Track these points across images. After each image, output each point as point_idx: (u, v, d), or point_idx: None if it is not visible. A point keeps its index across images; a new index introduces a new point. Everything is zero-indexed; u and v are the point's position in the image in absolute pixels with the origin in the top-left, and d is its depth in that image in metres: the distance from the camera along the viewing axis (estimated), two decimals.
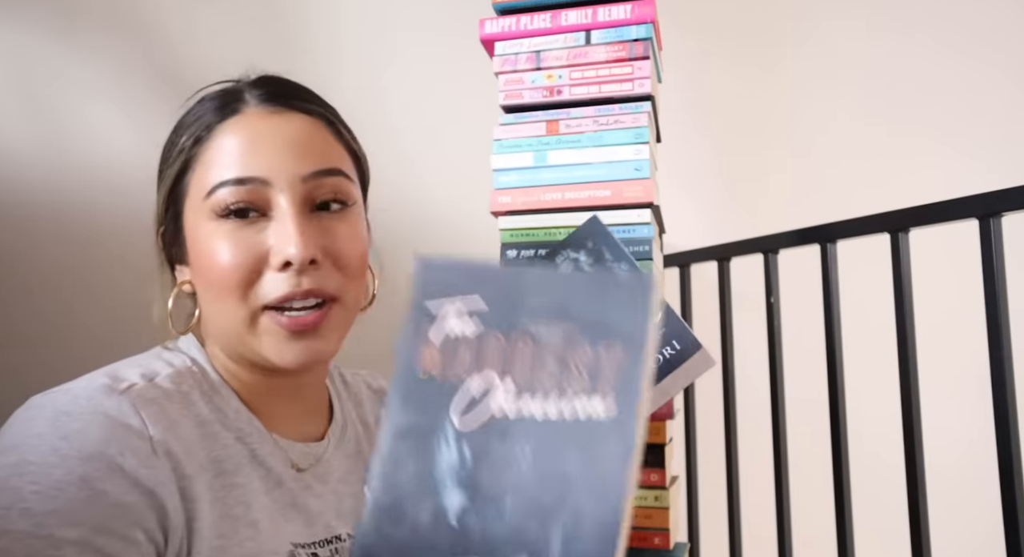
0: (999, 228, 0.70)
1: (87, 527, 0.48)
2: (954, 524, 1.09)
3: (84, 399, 0.54)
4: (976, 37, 1.56)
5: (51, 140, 1.18)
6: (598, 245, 0.66)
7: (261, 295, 0.60)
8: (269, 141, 0.61)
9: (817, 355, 0.90)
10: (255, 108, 0.63)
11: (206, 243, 0.61)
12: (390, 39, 1.39)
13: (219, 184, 0.60)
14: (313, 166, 0.62)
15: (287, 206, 0.60)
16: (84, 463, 0.50)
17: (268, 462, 0.63)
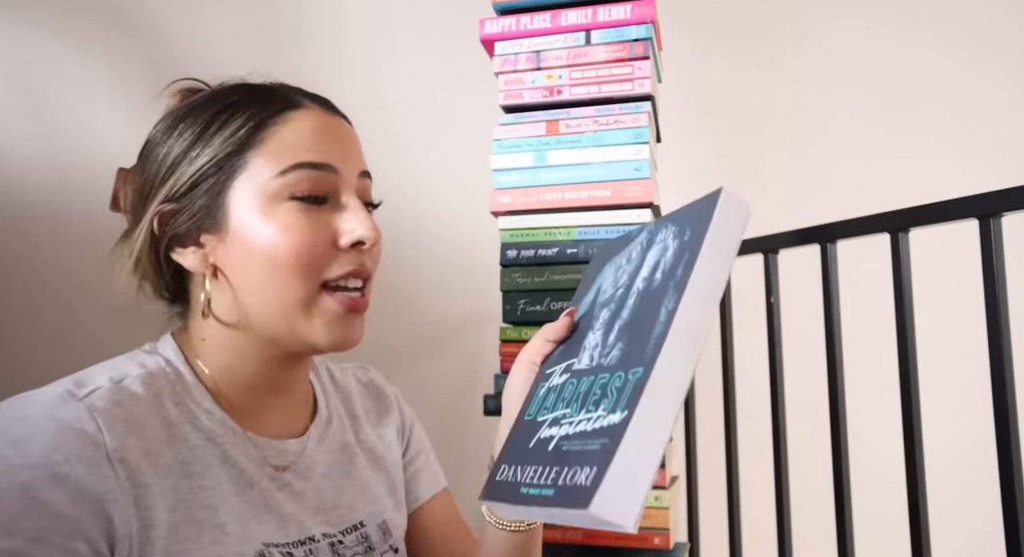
0: (999, 228, 0.70)
1: (23, 537, 0.48)
2: (954, 524, 1.09)
3: (42, 406, 0.54)
4: (976, 36, 1.56)
5: (50, 140, 1.18)
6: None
7: (326, 273, 0.63)
8: (336, 135, 0.66)
9: (817, 355, 0.90)
10: (317, 106, 0.67)
11: (274, 220, 0.62)
12: (390, 39, 1.39)
13: (296, 165, 0.63)
14: (363, 166, 0.68)
15: (354, 195, 0.66)
16: (29, 471, 0.50)
17: (240, 463, 0.63)
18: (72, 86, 1.19)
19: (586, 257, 0.76)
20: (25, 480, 0.49)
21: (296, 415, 0.71)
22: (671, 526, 0.74)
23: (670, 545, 0.73)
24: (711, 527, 1.13)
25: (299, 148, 0.63)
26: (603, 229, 0.75)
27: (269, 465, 0.65)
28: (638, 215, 0.74)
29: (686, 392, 0.50)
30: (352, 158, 0.67)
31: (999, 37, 1.56)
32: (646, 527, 0.74)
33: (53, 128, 1.18)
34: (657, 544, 0.73)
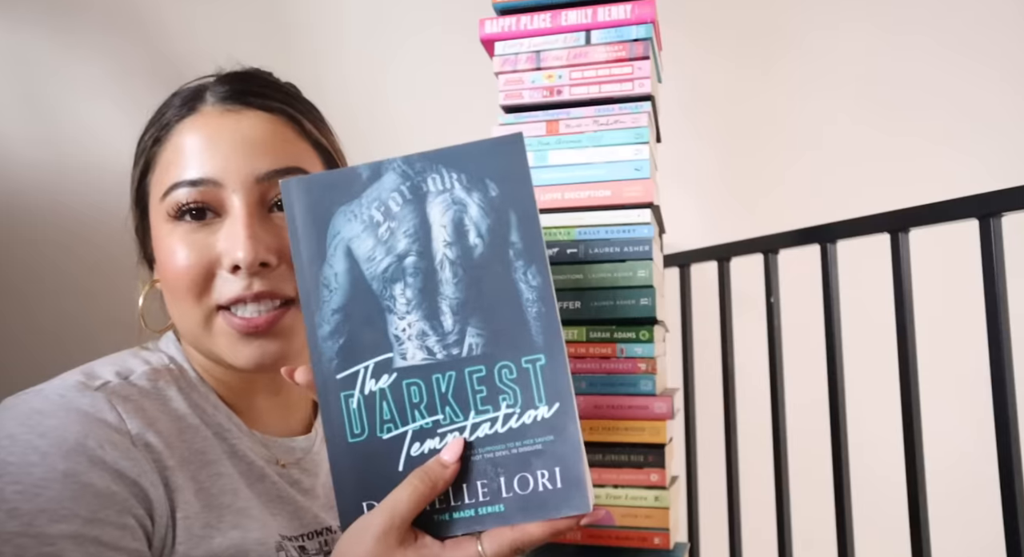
0: (999, 228, 0.70)
1: (80, 520, 0.48)
2: (954, 524, 1.09)
3: (57, 397, 0.54)
4: (976, 37, 1.56)
5: (49, 140, 1.18)
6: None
7: (214, 296, 0.60)
8: (224, 141, 0.60)
9: (817, 355, 0.90)
10: (212, 107, 0.62)
11: (163, 244, 0.61)
12: (390, 39, 1.39)
13: (172, 185, 0.60)
14: (268, 166, 0.60)
15: (239, 207, 0.59)
16: (65, 458, 0.50)
17: (248, 457, 0.63)
18: (71, 86, 1.19)
19: (586, 257, 0.76)
20: (65, 467, 0.50)
21: (295, 413, 0.71)
22: (671, 526, 0.74)
23: (670, 545, 0.73)
24: (711, 527, 1.13)
25: (177, 166, 0.60)
26: (603, 229, 0.75)
27: (276, 462, 0.65)
28: (638, 215, 0.74)
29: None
30: (244, 162, 0.59)
31: (999, 38, 1.56)
32: (646, 527, 0.74)
33: (52, 128, 1.18)
34: (657, 544, 0.73)
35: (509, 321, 0.48)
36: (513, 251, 0.49)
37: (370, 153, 0.75)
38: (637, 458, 0.74)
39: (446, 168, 0.51)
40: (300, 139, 0.64)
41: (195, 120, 0.61)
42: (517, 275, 0.49)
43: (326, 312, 0.51)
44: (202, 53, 1.22)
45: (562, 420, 0.48)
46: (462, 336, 0.49)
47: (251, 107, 0.62)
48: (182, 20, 1.26)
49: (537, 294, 0.48)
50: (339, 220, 0.51)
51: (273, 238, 0.60)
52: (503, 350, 0.48)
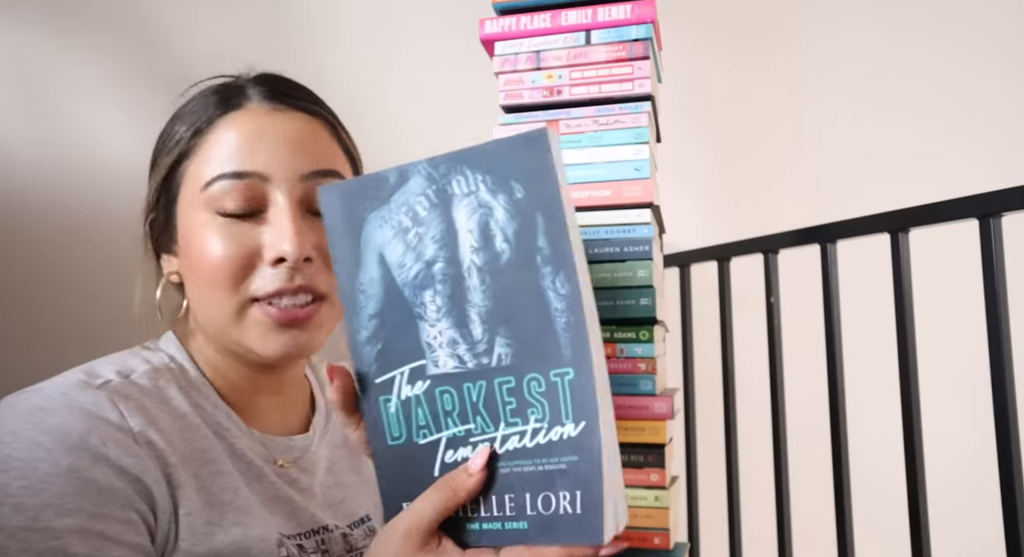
0: (999, 228, 0.70)
1: (85, 514, 0.49)
2: (954, 524, 1.09)
3: (59, 395, 0.54)
4: (977, 34, 1.56)
5: (49, 140, 1.18)
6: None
7: (253, 289, 0.60)
8: (270, 137, 0.61)
9: (817, 355, 0.90)
10: (257, 104, 0.63)
11: (199, 234, 0.61)
12: (390, 39, 1.38)
13: (217, 176, 0.60)
14: (313, 166, 0.62)
15: (284, 203, 0.60)
16: (68, 454, 0.51)
17: (247, 456, 0.63)
18: (71, 86, 1.19)
19: (586, 257, 0.76)
20: (68, 463, 0.50)
21: (293, 413, 0.72)
22: (671, 526, 0.74)
23: (670, 545, 0.73)
24: (711, 527, 1.13)
25: (222, 157, 0.61)
26: (603, 229, 0.75)
27: (274, 462, 0.65)
28: (638, 215, 0.74)
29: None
30: (289, 159, 0.62)
31: (999, 38, 1.56)
32: (646, 527, 0.74)
33: (52, 128, 1.18)
34: (657, 544, 0.73)
35: (537, 331, 0.46)
36: (541, 257, 0.46)
37: (370, 153, 0.75)
38: (637, 458, 0.74)
39: (471, 169, 0.48)
40: (334, 143, 0.67)
41: (240, 115, 0.63)
42: (545, 282, 0.46)
43: (363, 317, 0.51)
44: (203, 55, 1.23)
45: (588, 440, 0.45)
46: (491, 345, 0.48)
47: (295, 108, 0.64)
48: (183, 21, 1.26)
49: (566, 303, 0.45)
50: (371, 226, 0.51)
51: (314, 236, 0.61)
52: (532, 362, 0.47)
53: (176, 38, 1.24)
